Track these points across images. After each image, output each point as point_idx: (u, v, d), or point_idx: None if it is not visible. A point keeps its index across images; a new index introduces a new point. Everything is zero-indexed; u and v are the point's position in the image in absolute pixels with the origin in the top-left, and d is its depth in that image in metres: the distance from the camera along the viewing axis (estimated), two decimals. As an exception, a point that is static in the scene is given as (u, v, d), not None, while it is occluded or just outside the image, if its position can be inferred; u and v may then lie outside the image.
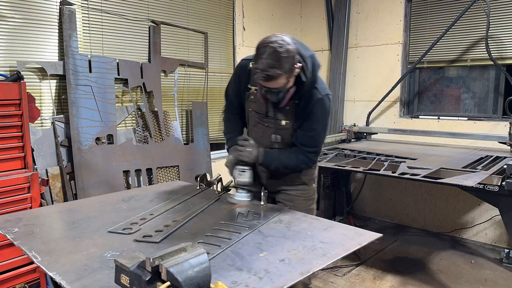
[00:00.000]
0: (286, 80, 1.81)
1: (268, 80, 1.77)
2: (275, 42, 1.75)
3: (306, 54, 1.89)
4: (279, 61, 1.73)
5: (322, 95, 1.96)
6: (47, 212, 2.10)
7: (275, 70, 1.73)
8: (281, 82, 1.80)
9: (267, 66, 1.73)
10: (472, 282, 3.29)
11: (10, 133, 2.56)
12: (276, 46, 1.74)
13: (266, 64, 1.73)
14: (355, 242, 1.52)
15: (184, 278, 0.96)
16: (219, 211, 1.92)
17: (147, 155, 3.54)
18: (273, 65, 1.73)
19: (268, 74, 1.74)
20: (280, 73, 1.74)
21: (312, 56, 1.93)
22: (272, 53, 1.73)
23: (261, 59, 1.74)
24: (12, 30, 2.83)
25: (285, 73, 1.76)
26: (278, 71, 1.74)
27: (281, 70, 1.74)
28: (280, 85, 1.81)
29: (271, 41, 1.76)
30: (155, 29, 3.65)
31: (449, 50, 4.24)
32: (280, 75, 1.75)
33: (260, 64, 1.74)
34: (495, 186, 2.65)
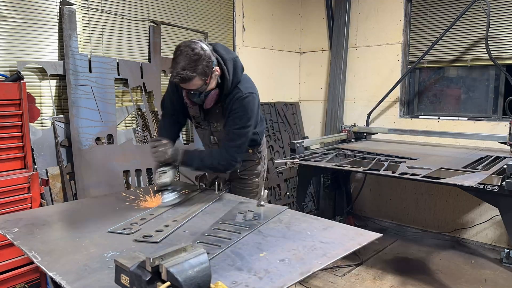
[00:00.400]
0: (202, 82, 1.94)
1: (183, 82, 1.92)
2: (188, 46, 1.90)
3: (228, 57, 2.05)
4: (191, 63, 1.87)
5: (244, 93, 2.06)
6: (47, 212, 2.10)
7: (187, 72, 1.87)
8: (197, 84, 1.93)
9: (181, 68, 1.88)
10: (472, 282, 3.30)
11: (10, 133, 2.56)
12: (188, 50, 1.89)
13: (180, 67, 1.88)
14: (355, 242, 1.52)
15: (184, 278, 0.96)
16: (219, 211, 1.92)
17: (147, 155, 3.52)
18: (185, 67, 1.87)
19: (181, 76, 1.88)
20: (192, 75, 1.88)
21: (234, 59, 2.08)
22: (184, 56, 1.88)
23: (176, 63, 1.90)
24: (12, 30, 2.83)
25: (198, 75, 1.90)
26: (190, 73, 1.88)
27: (193, 72, 1.88)
28: (197, 86, 1.95)
29: (184, 46, 1.91)
30: (155, 29, 3.65)
31: (449, 50, 4.24)
32: (193, 76, 1.89)
33: (175, 67, 1.90)
34: (495, 186, 2.65)
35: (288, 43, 5.12)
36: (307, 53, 5.30)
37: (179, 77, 1.89)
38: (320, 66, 5.17)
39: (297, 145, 3.54)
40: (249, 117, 2.09)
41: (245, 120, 2.08)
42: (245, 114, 2.07)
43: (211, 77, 1.98)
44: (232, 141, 2.09)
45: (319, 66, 5.18)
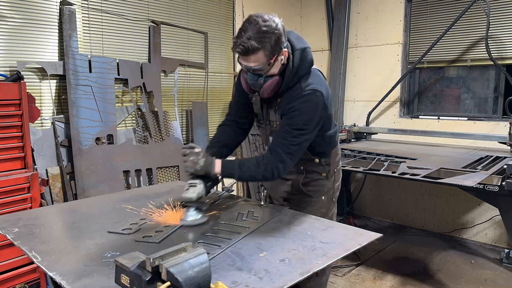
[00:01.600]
0: (266, 59, 1.67)
1: (245, 53, 1.65)
2: (260, 17, 1.66)
3: (297, 46, 1.78)
4: (258, 34, 1.62)
5: (304, 90, 1.74)
6: (47, 212, 2.10)
7: (253, 42, 1.61)
8: (260, 60, 1.67)
9: (246, 38, 1.62)
10: (472, 282, 3.30)
11: (10, 133, 2.56)
12: (259, 21, 1.65)
13: (246, 36, 1.62)
14: (355, 242, 1.52)
15: (184, 278, 0.96)
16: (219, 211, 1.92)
17: (147, 155, 3.54)
18: (252, 37, 1.62)
19: (244, 46, 1.62)
20: (257, 46, 1.62)
21: (304, 49, 1.79)
22: (253, 26, 1.63)
23: (241, 32, 1.65)
24: (12, 30, 2.83)
25: (263, 49, 1.63)
26: (256, 44, 1.62)
27: (259, 44, 1.62)
28: (259, 63, 1.67)
29: (256, 16, 1.67)
30: (155, 29, 3.65)
31: (449, 50, 4.24)
32: (257, 49, 1.63)
33: (239, 37, 1.64)
34: (495, 186, 2.65)
35: (288, 43, 5.12)
36: (307, 53, 5.30)
37: (242, 47, 1.63)
38: (320, 66, 5.17)
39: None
40: (307, 119, 1.73)
41: (301, 122, 1.73)
42: (302, 114, 1.73)
43: (277, 58, 1.70)
44: (282, 145, 1.75)
45: (319, 66, 5.12)
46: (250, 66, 1.70)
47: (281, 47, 1.69)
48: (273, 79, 1.75)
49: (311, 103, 1.74)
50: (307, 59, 1.79)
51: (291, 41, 1.79)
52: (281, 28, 1.68)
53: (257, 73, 1.73)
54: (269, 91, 1.77)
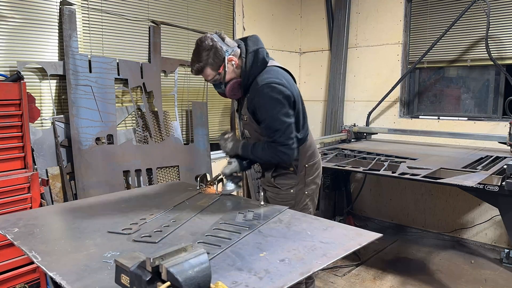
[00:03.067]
0: (215, 72, 2.00)
1: (197, 74, 2.02)
2: (199, 40, 1.99)
3: (251, 49, 2.04)
4: (199, 55, 1.97)
5: (259, 84, 1.97)
6: (47, 212, 2.10)
7: (195, 63, 1.98)
8: (210, 74, 2.00)
9: (192, 61, 2.01)
10: (472, 282, 3.30)
11: (10, 133, 2.56)
12: (198, 42, 1.98)
13: (191, 59, 2.02)
14: (355, 242, 1.52)
15: (184, 278, 0.96)
16: (219, 211, 1.92)
17: (147, 155, 3.54)
18: (194, 59, 1.99)
19: (193, 68, 2.01)
20: (200, 65, 1.98)
21: (255, 51, 2.04)
22: (195, 48, 1.99)
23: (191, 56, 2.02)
24: (12, 30, 2.83)
25: (206, 65, 1.97)
26: (197, 64, 1.98)
27: (200, 63, 1.97)
28: (211, 76, 2.01)
29: (198, 39, 2.00)
30: (155, 29, 3.65)
31: (449, 50, 4.24)
32: (202, 67, 1.98)
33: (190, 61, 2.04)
34: (495, 186, 2.65)
35: (288, 43, 5.12)
36: (307, 53, 5.30)
37: (193, 69, 2.02)
38: (320, 66, 5.17)
39: (297, 145, 3.54)
40: (273, 106, 1.96)
41: (270, 110, 1.96)
42: (265, 103, 1.97)
43: (225, 66, 1.99)
44: (270, 137, 2.01)
45: (319, 66, 5.18)
46: (208, 80, 2.06)
47: (223, 57, 1.98)
48: (231, 83, 2.05)
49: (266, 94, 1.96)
50: (259, 58, 2.04)
51: (248, 45, 2.07)
52: (218, 42, 1.98)
53: (217, 83, 2.08)
54: (231, 93, 2.09)
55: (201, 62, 1.97)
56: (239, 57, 2.03)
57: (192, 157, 3.88)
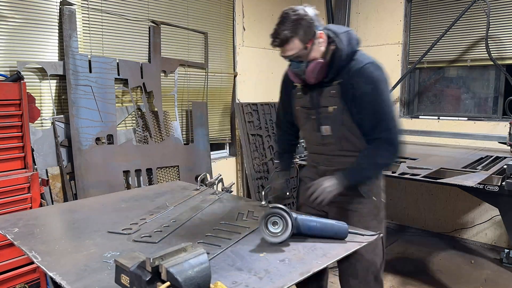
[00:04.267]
0: (302, 45, 1.74)
1: (281, 45, 1.76)
2: (290, 8, 1.77)
3: (340, 30, 1.84)
4: (289, 23, 1.72)
5: (363, 63, 1.78)
6: (47, 212, 2.10)
7: (285, 32, 1.72)
8: (296, 47, 1.75)
9: (279, 29, 1.74)
10: (472, 282, 3.30)
11: (10, 133, 2.56)
12: (288, 11, 1.76)
13: (278, 28, 1.74)
14: (355, 242, 1.52)
15: (184, 278, 0.96)
16: (219, 211, 1.92)
17: (147, 155, 3.54)
18: (284, 28, 1.73)
19: (279, 37, 1.74)
20: (289, 35, 1.72)
21: (348, 32, 1.86)
22: (283, 17, 1.75)
23: (276, 27, 1.76)
24: (12, 30, 2.83)
25: (296, 36, 1.72)
26: (288, 33, 1.72)
27: (291, 33, 1.72)
28: (296, 50, 1.75)
29: (286, 9, 1.78)
30: (155, 29, 3.65)
31: (449, 50, 4.24)
32: (290, 37, 1.72)
33: (274, 32, 1.76)
34: (495, 186, 2.65)
35: (288, 43, 5.12)
36: (307, 53, 5.30)
37: (277, 39, 1.75)
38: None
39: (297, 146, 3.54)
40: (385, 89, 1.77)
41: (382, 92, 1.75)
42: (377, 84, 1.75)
43: (313, 42, 1.76)
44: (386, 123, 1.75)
45: (319, 66, 5.17)
46: (289, 55, 1.78)
47: (314, 32, 1.75)
48: (315, 62, 1.78)
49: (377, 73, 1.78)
50: (354, 38, 1.85)
51: (332, 29, 1.84)
52: (311, 14, 1.76)
53: (298, 60, 1.79)
54: (313, 74, 1.79)
55: (290, 31, 1.71)
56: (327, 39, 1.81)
57: (192, 157, 3.88)
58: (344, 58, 1.79)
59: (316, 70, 1.78)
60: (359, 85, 1.76)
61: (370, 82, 1.75)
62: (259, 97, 4.59)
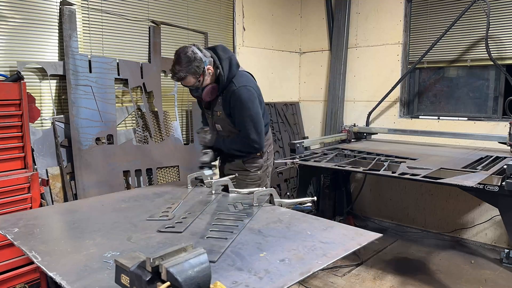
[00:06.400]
0: (195, 79, 2.30)
1: (179, 80, 2.31)
2: (182, 51, 2.26)
3: (224, 57, 2.38)
4: (181, 65, 2.24)
5: (237, 87, 2.35)
6: (47, 212, 2.10)
7: (181, 73, 2.26)
8: (191, 81, 2.31)
9: (174, 70, 2.27)
10: (472, 282, 3.30)
11: (10, 133, 2.56)
12: (180, 54, 2.25)
13: (174, 68, 2.27)
14: (355, 242, 1.52)
15: (184, 278, 0.96)
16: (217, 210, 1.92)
17: (147, 155, 3.54)
18: (178, 69, 2.26)
19: (177, 76, 2.28)
20: (183, 75, 2.26)
21: (229, 57, 2.39)
22: (177, 59, 2.26)
23: (173, 65, 2.28)
24: (12, 30, 2.83)
25: (190, 74, 2.26)
26: (182, 74, 2.26)
27: (185, 72, 2.26)
28: (191, 83, 2.32)
29: (179, 51, 2.27)
30: (155, 29, 3.65)
31: (449, 50, 4.24)
32: (185, 76, 2.27)
33: (172, 69, 2.29)
34: (495, 186, 2.65)
35: (288, 43, 5.12)
36: (307, 53, 5.30)
37: (176, 77, 2.29)
38: (320, 66, 5.17)
39: (297, 145, 3.54)
40: (248, 107, 2.37)
41: (246, 109, 2.37)
42: (242, 103, 2.36)
43: (204, 75, 2.31)
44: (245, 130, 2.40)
45: (319, 66, 5.18)
46: (187, 86, 2.38)
47: (203, 67, 2.29)
48: (208, 87, 2.38)
49: (245, 95, 2.36)
50: (234, 64, 2.41)
51: (219, 54, 2.39)
52: (199, 55, 2.27)
53: (194, 88, 2.38)
54: (208, 96, 2.41)
55: (184, 71, 2.25)
56: (214, 65, 2.36)
57: (192, 157, 3.88)
58: (225, 81, 2.37)
59: (209, 94, 2.40)
60: (232, 102, 2.37)
61: (238, 102, 2.36)
62: (259, 97, 4.59)
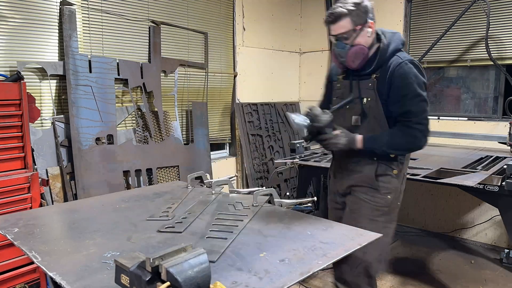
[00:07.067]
0: (352, 25, 1.84)
1: (334, 21, 1.85)
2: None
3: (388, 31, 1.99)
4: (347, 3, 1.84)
5: (403, 59, 1.88)
6: (47, 212, 2.10)
7: (341, 9, 1.83)
8: (346, 25, 1.84)
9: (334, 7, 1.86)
10: (472, 282, 3.29)
11: (10, 133, 2.56)
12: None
13: (335, 6, 1.86)
14: (355, 242, 1.52)
15: (184, 278, 0.96)
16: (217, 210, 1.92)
17: (147, 155, 3.54)
18: (338, 5, 1.84)
19: (333, 12, 1.84)
20: (344, 12, 1.82)
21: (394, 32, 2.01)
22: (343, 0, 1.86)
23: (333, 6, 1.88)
24: (12, 30, 2.83)
25: (349, 15, 1.83)
26: (341, 9, 1.83)
27: (344, 9, 1.82)
28: (345, 29, 1.85)
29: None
30: (155, 29, 3.65)
31: (449, 50, 4.24)
32: (344, 14, 1.82)
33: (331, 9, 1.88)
34: (495, 186, 2.65)
35: (288, 43, 5.12)
36: (307, 53, 5.30)
37: (332, 14, 1.86)
38: (320, 66, 5.16)
39: (297, 145, 3.55)
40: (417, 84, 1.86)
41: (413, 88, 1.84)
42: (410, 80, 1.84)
43: (362, 28, 1.88)
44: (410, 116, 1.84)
45: (319, 66, 5.18)
46: (338, 33, 1.87)
47: (366, 19, 1.88)
48: (358, 47, 1.87)
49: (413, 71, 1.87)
50: (399, 38, 1.99)
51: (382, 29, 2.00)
52: (368, 5, 1.89)
53: (343, 42, 1.88)
54: (353, 58, 1.88)
55: (346, 9, 1.83)
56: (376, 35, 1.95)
57: (192, 157, 3.88)
58: (387, 54, 1.90)
59: (358, 55, 1.88)
60: (396, 76, 1.86)
61: (405, 77, 1.85)
62: (259, 97, 4.59)
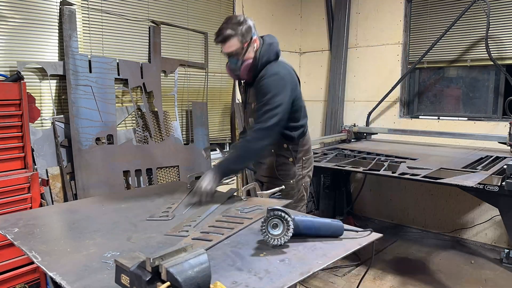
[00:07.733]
0: (240, 44, 2.05)
1: (222, 41, 2.05)
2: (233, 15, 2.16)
3: (267, 41, 2.14)
4: (230, 23, 2.03)
5: (268, 73, 2.06)
6: (47, 212, 2.10)
7: (226, 30, 2.03)
8: (235, 44, 2.04)
9: (221, 28, 2.05)
10: (472, 282, 3.30)
11: (10, 133, 2.56)
12: (232, 16, 2.10)
13: (220, 28, 2.05)
14: (355, 242, 1.52)
15: (184, 278, 0.96)
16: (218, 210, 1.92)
17: (147, 155, 3.54)
18: (225, 27, 2.04)
19: (221, 34, 2.03)
20: (231, 33, 2.02)
21: (272, 43, 2.15)
22: (227, 19, 2.07)
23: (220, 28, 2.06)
24: (12, 30, 2.83)
25: (236, 35, 2.03)
26: (228, 31, 2.02)
27: (230, 31, 2.02)
28: (234, 48, 2.05)
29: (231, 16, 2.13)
30: (155, 29, 3.65)
31: (449, 50, 4.24)
32: (231, 35, 2.02)
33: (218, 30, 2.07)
34: (495, 186, 2.65)
35: (288, 43, 5.12)
36: (307, 53, 5.31)
37: (220, 35, 2.04)
38: (320, 66, 5.17)
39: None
40: (273, 94, 2.01)
41: (268, 97, 2.01)
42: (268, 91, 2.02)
43: (249, 44, 2.07)
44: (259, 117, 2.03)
45: (319, 66, 5.18)
46: (228, 52, 2.09)
47: (251, 36, 2.07)
48: (248, 61, 2.10)
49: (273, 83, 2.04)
50: (273, 50, 2.14)
51: (264, 38, 2.16)
52: (250, 23, 2.07)
53: (235, 58, 2.10)
54: (246, 71, 2.12)
55: (232, 30, 2.02)
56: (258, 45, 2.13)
57: (192, 157, 3.88)
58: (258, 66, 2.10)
59: (248, 69, 2.11)
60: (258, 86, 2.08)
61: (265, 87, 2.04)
62: (259, 97, 4.58)
